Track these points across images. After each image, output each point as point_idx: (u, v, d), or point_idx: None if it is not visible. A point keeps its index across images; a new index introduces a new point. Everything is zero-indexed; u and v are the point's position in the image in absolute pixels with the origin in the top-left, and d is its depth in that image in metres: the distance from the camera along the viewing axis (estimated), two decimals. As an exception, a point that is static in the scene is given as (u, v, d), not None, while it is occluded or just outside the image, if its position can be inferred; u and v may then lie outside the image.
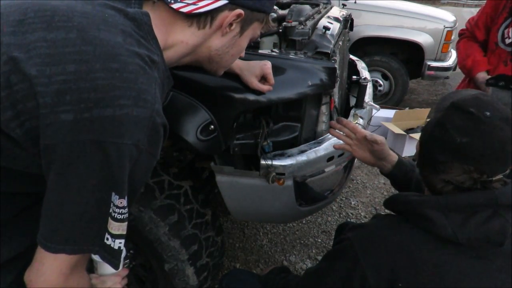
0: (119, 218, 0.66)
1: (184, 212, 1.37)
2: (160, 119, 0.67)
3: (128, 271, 0.97)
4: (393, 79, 4.21)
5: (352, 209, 2.59)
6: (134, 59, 0.64)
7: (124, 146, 0.61)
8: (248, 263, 2.08)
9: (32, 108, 0.59)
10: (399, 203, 0.92)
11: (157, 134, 0.67)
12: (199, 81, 1.13)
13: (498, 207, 0.81)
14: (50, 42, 0.61)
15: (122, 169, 0.62)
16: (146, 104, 0.63)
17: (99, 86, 0.59)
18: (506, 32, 1.61)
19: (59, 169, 0.61)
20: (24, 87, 0.59)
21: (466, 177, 0.81)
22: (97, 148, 0.60)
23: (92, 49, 0.61)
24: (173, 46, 0.76)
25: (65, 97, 0.58)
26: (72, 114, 0.58)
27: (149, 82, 0.65)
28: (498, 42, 1.64)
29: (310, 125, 1.30)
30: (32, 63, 0.59)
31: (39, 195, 0.75)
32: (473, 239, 0.80)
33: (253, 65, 1.12)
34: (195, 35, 0.77)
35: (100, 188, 0.62)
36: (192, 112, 1.13)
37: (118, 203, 0.64)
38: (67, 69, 0.59)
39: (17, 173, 0.69)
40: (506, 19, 1.62)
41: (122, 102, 0.60)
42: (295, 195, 1.30)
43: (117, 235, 0.67)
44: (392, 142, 3.50)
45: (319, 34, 1.42)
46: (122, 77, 0.61)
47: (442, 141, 0.84)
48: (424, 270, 0.81)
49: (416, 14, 4.07)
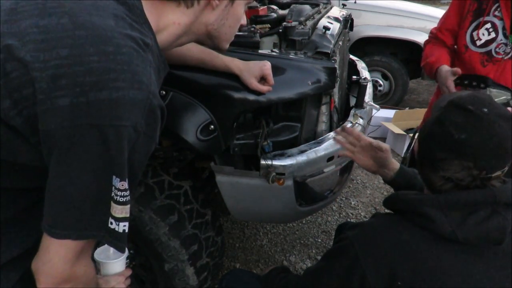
0: (122, 201, 0.66)
1: (184, 212, 1.37)
2: (157, 101, 0.67)
3: (131, 271, 0.97)
4: (393, 79, 4.22)
5: (352, 209, 2.59)
6: (127, 42, 0.64)
7: (122, 128, 0.61)
8: (248, 263, 2.08)
9: (29, 95, 0.59)
10: (398, 202, 0.93)
11: (154, 116, 0.67)
12: (199, 81, 1.13)
13: (497, 205, 0.81)
14: (42, 28, 0.61)
15: (121, 152, 0.62)
16: (141, 86, 0.63)
17: (93, 69, 0.59)
18: (476, 34, 1.63)
19: (59, 155, 0.61)
20: (20, 74, 0.59)
21: (465, 174, 0.82)
22: (96, 132, 0.60)
23: (84, 33, 0.61)
24: (165, 28, 0.76)
25: (61, 81, 0.58)
26: (68, 98, 0.58)
27: (144, 64, 0.65)
28: (467, 45, 1.66)
29: (310, 125, 1.30)
30: (26, 49, 0.59)
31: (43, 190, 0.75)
32: (472, 237, 0.80)
33: (252, 66, 1.12)
34: (185, 14, 0.77)
35: (101, 171, 0.62)
36: (192, 112, 1.14)
37: (120, 185, 0.65)
38: (61, 53, 0.59)
39: (22, 167, 0.69)
40: (471, 22, 1.64)
41: (118, 85, 0.60)
42: (295, 195, 1.30)
43: (121, 218, 0.67)
44: (392, 142, 3.50)
45: (319, 34, 1.42)
46: (116, 59, 0.61)
47: (440, 138, 0.85)
48: (423, 269, 0.81)
49: (416, 14, 4.07)
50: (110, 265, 0.91)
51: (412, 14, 4.07)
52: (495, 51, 1.62)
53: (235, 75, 1.12)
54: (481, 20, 1.61)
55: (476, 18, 1.63)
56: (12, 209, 0.73)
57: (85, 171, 0.62)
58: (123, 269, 0.94)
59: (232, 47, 1.24)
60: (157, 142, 0.72)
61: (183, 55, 1.08)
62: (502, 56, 1.61)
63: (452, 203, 0.82)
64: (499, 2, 1.57)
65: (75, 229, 0.64)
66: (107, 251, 0.91)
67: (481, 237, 0.80)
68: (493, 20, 1.59)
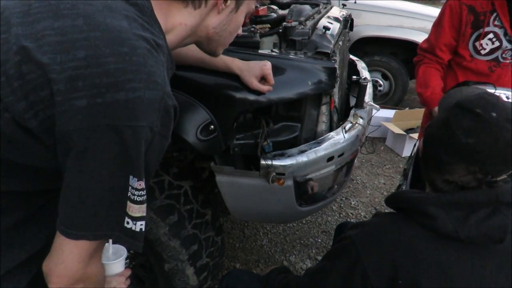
0: (139, 200, 0.67)
1: (184, 212, 1.37)
2: (171, 101, 0.68)
3: (130, 271, 0.97)
4: (393, 79, 4.22)
5: (352, 209, 2.59)
6: (141, 43, 0.64)
7: (139, 128, 0.62)
8: (248, 263, 2.08)
9: (46, 97, 0.59)
10: (400, 200, 0.93)
11: (168, 116, 0.68)
12: (199, 81, 1.13)
13: (498, 204, 0.81)
14: (58, 30, 0.61)
15: (138, 152, 0.63)
16: (157, 87, 0.64)
17: (110, 70, 0.60)
18: (478, 44, 1.64)
19: (76, 156, 0.61)
20: (37, 76, 0.59)
21: (471, 178, 0.82)
22: (113, 133, 0.60)
23: (100, 34, 0.61)
24: (173, 29, 0.77)
25: (78, 83, 0.59)
26: (86, 100, 0.59)
27: (157, 65, 0.66)
28: (472, 55, 1.67)
29: (310, 125, 1.30)
30: (42, 51, 0.59)
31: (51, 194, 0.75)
32: (473, 236, 0.80)
33: (253, 66, 1.12)
34: (192, 15, 0.77)
35: (118, 172, 0.63)
36: (192, 112, 1.13)
37: (137, 185, 0.65)
38: (77, 55, 0.60)
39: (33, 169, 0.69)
40: (472, 34, 1.65)
41: (134, 85, 0.61)
42: (295, 195, 1.30)
43: (138, 217, 0.68)
44: (392, 142, 3.50)
45: (319, 34, 1.42)
46: (132, 60, 0.61)
47: (447, 142, 0.84)
48: (424, 267, 0.81)
49: (416, 14, 4.07)
50: (111, 266, 0.91)
51: (412, 14, 4.07)
52: (502, 57, 1.64)
53: (236, 75, 1.12)
54: (481, 32, 1.62)
55: (476, 30, 1.63)
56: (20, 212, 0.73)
57: (102, 172, 0.62)
58: (122, 269, 0.94)
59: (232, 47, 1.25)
60: (170, 140, 0.72)
61: (184, 55, 1.08)
62: (510, 61, 1.64)
63: (454, 202, 0.82)
64: (496, 11, 1.58)
65: (91, 229, 0.64)
66: (106, 252, 0.91)
67: (483, 236, 0.80)
68: (494, 30, 1.61)
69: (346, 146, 1.31)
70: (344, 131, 1.34)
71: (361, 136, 1.42)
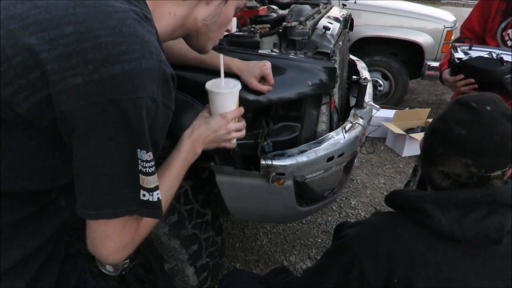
0: (151, 171, 0.66)
1: (184, 212, 1.37)
2: (168, 69, 0.67)
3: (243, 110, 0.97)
4: (393, 79, 4.21)
5: (352, 209, 2.59)
6: (129, 14, 0.63)
7: (140, 100, 0.60)
8: (248, 263, 2.08)
9: (36, 79, 0.58)
10: (398, 198, 0.93)
11: (168, 85, 0.67)
12: (199, 81, 1.13)
13: (496, 205, 0.81)
14: (42, 8, 0.60)
15: (142, 124, 0.62)
16: (152, 56, 0.62)
17: (102, 44, 0.58)
18: (505, 34, 1.62)
19: (81, 136, 0.60)
20: (24, 58, 0.58)
21: (464, 170, 0.82)
22: (114, 107, 0.59)
23: (86, 10, 0.60)
24: (162, 18, 0.76)
25: (70, 60, 0.57)
26: (81, 77, 0.57)
27: (149, 34, 0.65)
28: (499, 45, 1.65)
29: (310, 125, 1.30)
30: (29, 32, 0.58)
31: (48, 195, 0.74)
32: (470, 235, 0.80)
33: (252, 66, 1.12)
34: (181, 5, 0.77)
35: (125, 147, 0.62)
36: (192, 112, 1.13)
37: (147, 157, 0.65)
38: (66, 31, 0.58)
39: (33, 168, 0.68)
40: (500, 23, 1.62)
41: (128, 57, 0.59)
42: (295, 195, 1.30)
43: (153, 188, 0.68)
44: (392, 142, 3.50)
45: (319, 34, 1.42)
46: (122, 32, 0.60)
47: (441, 133, 0.86)
48: (420, 266, 0.81)
49: (416, 14, 4.07)
50: (221, 96, 0.90)
51: (412, 14, 4.07)
52: None
53: (235, 75, 1.12)
54: (509, 21, 1.60)
55: (505, 18, 1.61)
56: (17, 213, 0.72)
57: (108, 149, 0.61)
58: (234, 105, 0.92)
59: (232, 47, 1.25)
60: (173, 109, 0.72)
61: (183, 55, 1.08)
62: None
63: (451, 200, 0.82)
64: None
65: (108, 207, 0.64)
66: (219, 82, 0.92)
67: (480, 235, 0.80)
68: None
69: (346, 146, 1.31)
70: (344, 131, 1.34)
71: (361, 136, 1.42)
